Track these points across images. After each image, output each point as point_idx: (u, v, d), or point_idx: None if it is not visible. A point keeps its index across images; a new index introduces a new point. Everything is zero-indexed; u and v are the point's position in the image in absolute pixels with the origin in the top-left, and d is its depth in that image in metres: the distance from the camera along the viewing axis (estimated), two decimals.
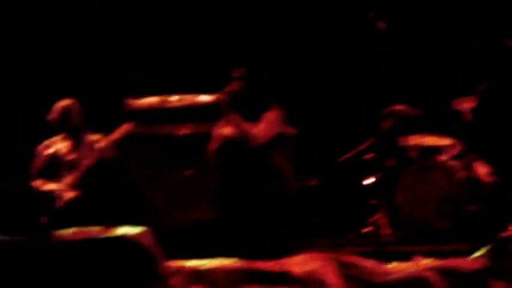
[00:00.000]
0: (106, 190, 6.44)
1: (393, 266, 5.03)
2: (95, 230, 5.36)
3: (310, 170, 7.28)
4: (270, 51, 7.92)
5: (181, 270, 5.27)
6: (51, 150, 6.47)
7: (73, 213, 6.20)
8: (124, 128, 6.41)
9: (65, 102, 6.45)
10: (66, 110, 6.43)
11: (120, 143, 6.39)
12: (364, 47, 7.91)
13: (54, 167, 6.42)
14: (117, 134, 6.40)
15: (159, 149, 6.78)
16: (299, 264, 5.25)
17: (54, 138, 6.51)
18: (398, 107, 7.30)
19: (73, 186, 6.32)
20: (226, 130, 5.83)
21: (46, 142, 6.51)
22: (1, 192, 8.02)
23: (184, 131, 6.66)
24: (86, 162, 6.35)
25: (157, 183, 6.75)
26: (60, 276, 5.05)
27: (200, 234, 6.43)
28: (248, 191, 5.65)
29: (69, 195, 6.30)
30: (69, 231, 5.41)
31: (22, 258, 5.16)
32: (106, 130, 6.45)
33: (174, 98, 6.72)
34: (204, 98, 6.78)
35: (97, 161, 6.34)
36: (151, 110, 6.78)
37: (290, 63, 8.02)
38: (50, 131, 6.49)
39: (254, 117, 5.72)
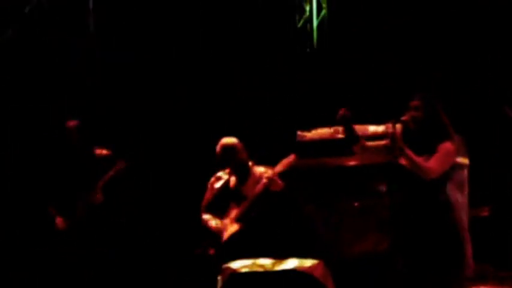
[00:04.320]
0: (272, 222, 6.45)
1: None
2: (266, 263, 5.38)
3: (483, 199, 7.05)
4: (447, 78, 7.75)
5: None
6: (220, 184, 6.55)
7: (239, 246, 6.23)
8: (289, 160, 6.39)
9: (227, 141, 6.49)
10: (228, 149, 6.46)
11: (286, 175, 6.37)
12: None
13: (223, 200, 6.49)
14: (282, 166, 6.39)
15: (327, 181, 6.74)
16: None
17: (224, 171, 6.59)
18: None
19: (239, 219, 6.36)
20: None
21: (217, 175, 6.61)
22: (168, 224, 8.25)
23: (352, 162, 6.59)
24: (252, 195, 6.38)
25: (325, 215, 6.71)
26: None
27: (370, 267, 6.33)
28: (421, 223, 5.49)
29: (235, 227, 6.34)
30: (240, 264, 5.46)
31: None
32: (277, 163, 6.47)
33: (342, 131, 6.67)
34: (374, 128, 6.67)
35: (262, 193, 6.35)
36: (320, 142, 6.75)
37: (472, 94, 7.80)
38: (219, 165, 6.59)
39: (429, 147, 5.52)
